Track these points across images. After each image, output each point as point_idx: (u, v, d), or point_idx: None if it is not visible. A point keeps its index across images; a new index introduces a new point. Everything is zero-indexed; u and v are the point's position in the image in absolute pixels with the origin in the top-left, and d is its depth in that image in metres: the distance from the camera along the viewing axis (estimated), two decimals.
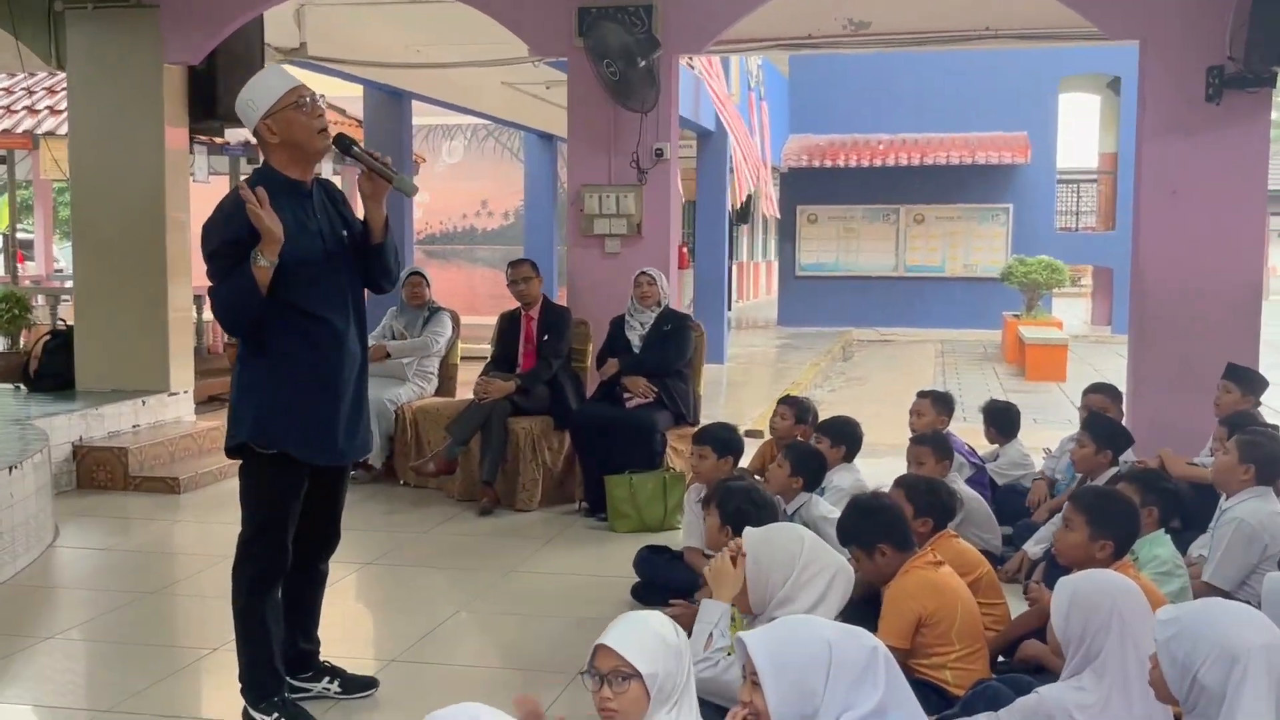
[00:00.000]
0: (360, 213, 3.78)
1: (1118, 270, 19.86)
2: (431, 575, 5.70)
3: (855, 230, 22.36)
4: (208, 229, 3.56)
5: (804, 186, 22.14)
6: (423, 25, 10.67)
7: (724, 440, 5.17)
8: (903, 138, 21.81)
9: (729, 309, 19.73)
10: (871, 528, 3.73)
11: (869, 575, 3.74)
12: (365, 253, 3.73)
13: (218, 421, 8.05)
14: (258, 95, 3.58)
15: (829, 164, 21.48)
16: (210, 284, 3.57)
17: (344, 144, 3.66)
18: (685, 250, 19.78)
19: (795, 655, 2.36)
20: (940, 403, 6.23)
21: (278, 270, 3.49)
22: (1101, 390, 6.36)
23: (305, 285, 3.56)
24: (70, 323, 8.62)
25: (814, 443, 5.60)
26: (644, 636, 2.53)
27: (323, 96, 3.73)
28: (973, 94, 21.55)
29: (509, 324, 7.38)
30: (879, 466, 7.09)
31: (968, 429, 7.40)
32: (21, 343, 9.95)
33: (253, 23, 8.39)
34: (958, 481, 5.44)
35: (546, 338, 7.15)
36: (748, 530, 3.36)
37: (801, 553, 3.24)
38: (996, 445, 6.63)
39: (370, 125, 12.88)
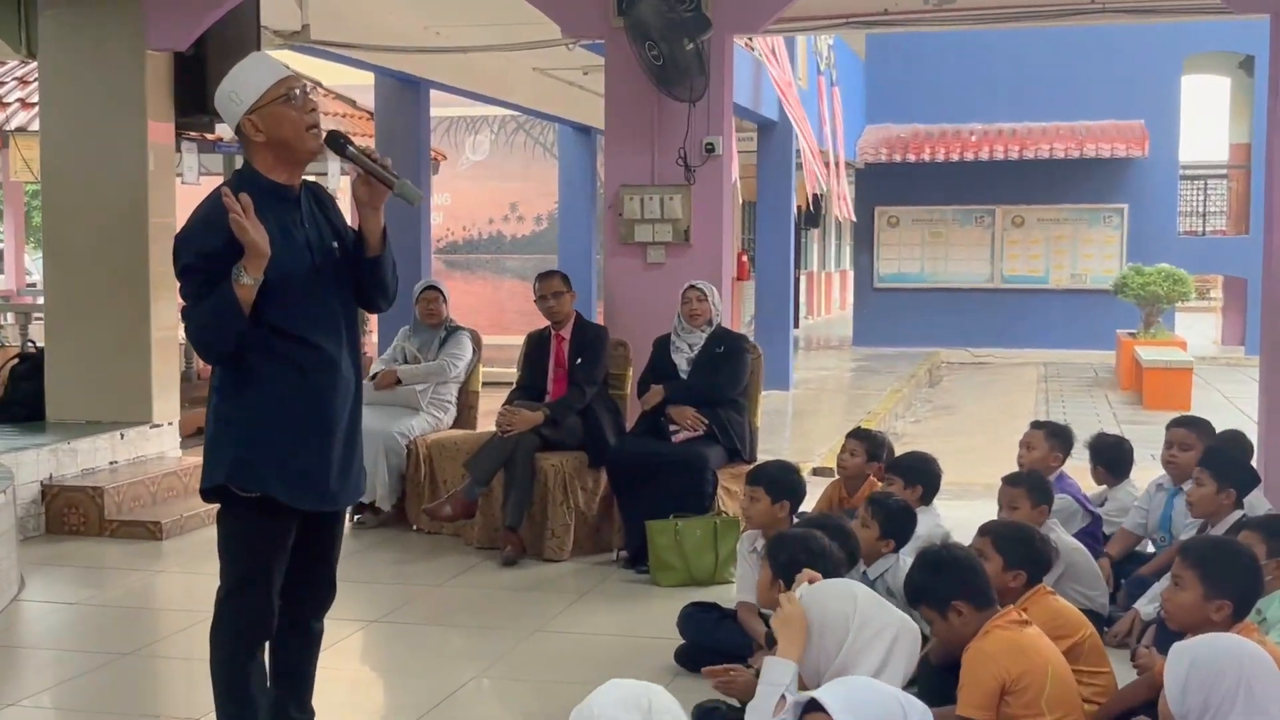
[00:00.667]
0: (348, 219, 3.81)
1: (1252, 281, 19.62)
2: (446, 635, 5.73)
3: (943, 235, 22.27)
4: (181, 241, 3.57)
5: (883, 184, 22.10)
6: (442, 3, 10.78)
7: (779, 481, 5.17)
8: (998, 127, 21.71)
9: (795, 326, 19.75)
10: (944, 583, 3.73)
11: (945, 639, 3.74)
12: (359, 267, 3.74)
13: None
14: (240, 86, 3.59)
15: (912, 158, 21.43)
16: (184, 303, 3.58)
17: (337, 143, 3.65)
18: (745, 259, 19.84)
19: (872, 714, 2.41)
20: (1056, 437, 6.20)
21: (260, 288, 3.50)
22: (1187, 425, 6.22)
23: (291, 304, 3.57)
24: (41, 345, 8.76)
25: (885, 484, 5.61)
26: (593, 709, 2.49)
27: (316, 86, 3.77)
28: (1080, 77, 21.41)
29: (537, 345, 7.43)
30: (970, 510, 7.05)
31: (1073, 468, 7.36)
32: None
33: (248, 3, 8.51)
34: (1057, 529, 5.41)
35: (580, 361, 7.18)
36: (803, 589, 3.37)
37: (855, 612, 3.24)
38: (1104, 487, 6.57)
39: (383, 118, 13.01)
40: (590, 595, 6.31)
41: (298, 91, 3.60)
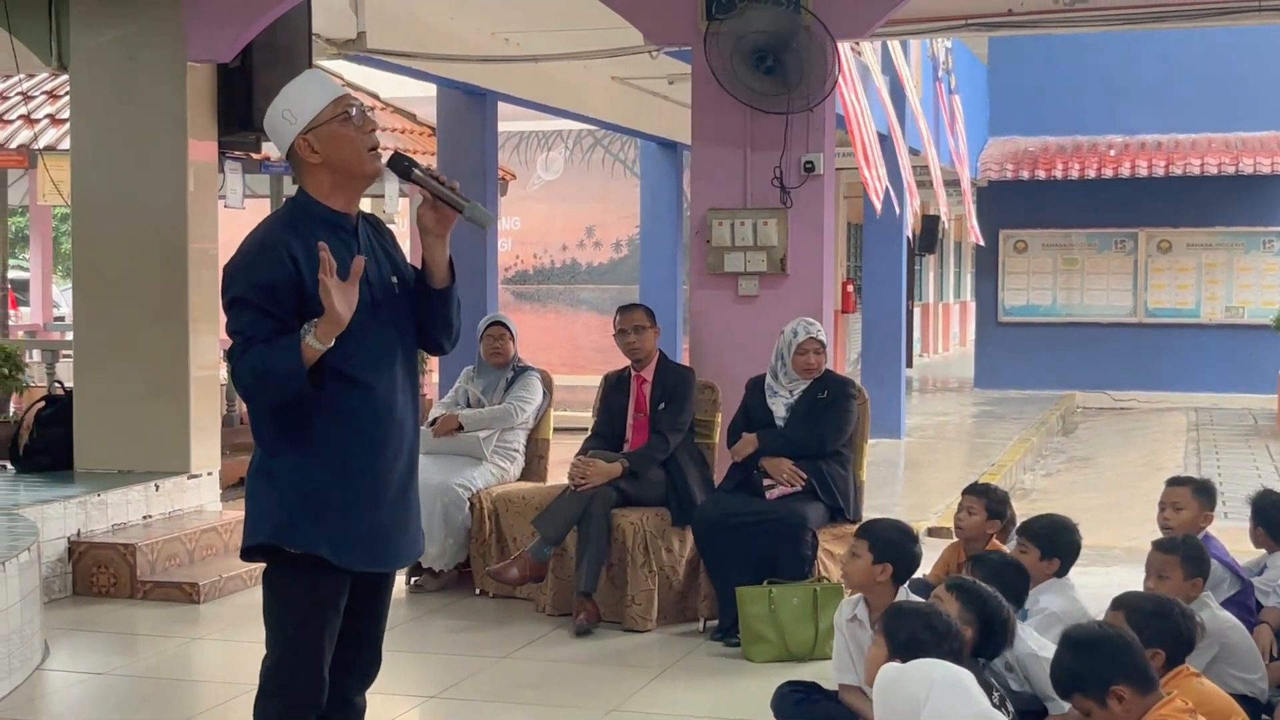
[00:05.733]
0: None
1: None
2: (510, 714, 5.75)
3: (1078, 262, 22.07)
4: (232, 271, 3.64)
5: (1009, 205, 21.96)
6: (512, 8, 10.91)
7: (886, 541, 5.14)
8: (1141, 139, 21.52)
9: (908, 366, 19.64)
10: (1101, 665, 3.67)
11: None
12: (425, 302, 3.83)
13: None
14: (295, 104, 3.68)
15: (1042, 175, 21.28)
16: (231, 341, 3.63)
17: (401, 165, 3.74)
18: (850, 289, 19.81)
19: None
20: (1205, 494, 6.12)
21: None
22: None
23: (347, 343, 3.61)
24: (69, 385, 8.91)
25: (1016, 550, 5.54)
26: None
27: (375, 103, 3.86)
28: (1235, 82, 21.17)
29: (615, 388, 7.46)
30: (1108, 577, 6.96)
31: (1228, 529, 7.25)
32: (11, 410, 10.30)
33: (298, 9, 8.65)
34: (1211, 604, 5.32)
35: (663, 406, 7.20)
36: (885, 666, 3.32)
37: (926, 700, 3.15)
38: (1264, 552, 6.46)
39: (445, 134, 13.14)
40: (673, 671, 6.30)
41: (354, 111, 3.69)
